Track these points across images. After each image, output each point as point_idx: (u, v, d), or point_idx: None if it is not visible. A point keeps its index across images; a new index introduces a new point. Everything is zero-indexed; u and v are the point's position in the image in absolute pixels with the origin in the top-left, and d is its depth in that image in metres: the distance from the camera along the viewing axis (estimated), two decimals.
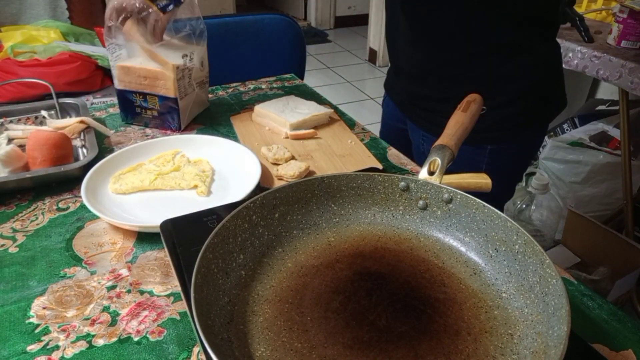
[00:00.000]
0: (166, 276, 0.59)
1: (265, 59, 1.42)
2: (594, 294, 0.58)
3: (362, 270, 0.52)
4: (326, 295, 0.49)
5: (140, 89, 0.91)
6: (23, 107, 0.94)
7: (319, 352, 0.43)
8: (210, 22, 1.29)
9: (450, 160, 0.58)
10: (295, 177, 0.76)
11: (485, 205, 0.52)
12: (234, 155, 0.81)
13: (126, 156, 0.80)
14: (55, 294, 0.56)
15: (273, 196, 0.55)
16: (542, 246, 0.47)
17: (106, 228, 0.67)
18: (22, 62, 1.57)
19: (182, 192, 0.75)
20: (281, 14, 1.46)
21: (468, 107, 0.65)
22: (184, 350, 0.50)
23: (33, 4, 2.00)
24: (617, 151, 1.67)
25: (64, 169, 0.75)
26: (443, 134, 0.61)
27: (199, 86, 0.97)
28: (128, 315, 0.53)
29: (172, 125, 0.93)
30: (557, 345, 0.38)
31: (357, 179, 0.59)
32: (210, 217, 0.60)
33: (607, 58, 1.34)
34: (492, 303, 0.48)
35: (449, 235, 0.56)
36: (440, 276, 0.52)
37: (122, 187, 0.73)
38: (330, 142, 0.90)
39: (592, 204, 1.75)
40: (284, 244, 0.55)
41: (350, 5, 4.92)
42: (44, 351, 0.49)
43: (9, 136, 0.83)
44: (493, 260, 0.52)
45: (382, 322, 0.45)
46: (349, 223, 0.59)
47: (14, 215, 0.69)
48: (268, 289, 0.50)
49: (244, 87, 1.17)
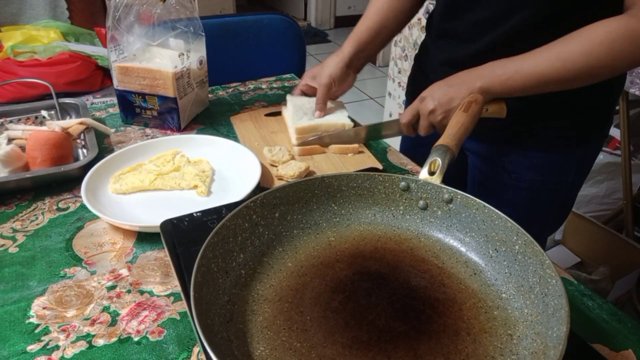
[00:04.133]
0: (166, 276, 0.59)
1: (265, 59, 1.42)
2: (594, 294, 0.58)
3: (362, 270, 0.52)
4: (326, 294, 0.49)
5: (140, 89, 0.91)
6: (23, 107, 0.94)
7: (318, 351, 0.43)
8: (210, 22, 1.29)
9: (451, 161, 0.58)
10: (296, 177, 0.76)
11: (485, 205, 0.52)
12: (234, 155, 0.81)
13: (126, 156, 0.80)
14: (55, 294, 0.56)
15: (273, 196, 0.55)
16: (544, 247, 0.47)
17: (106, 228, 0.67)
18: (22, 62, 1.57)
19: (182, 192, 0.75)
20: (281, 14, 1.46)
21: (469, 107, 0.65)
22: (184, 350, 0.50)
23: (33, 4, 2.00)
24: (617, 151, 1.67)
25: (64, 169, 0.75)
26: (444, 134, 0.61)
27: (198, 86, 0.97)
28: (128, 315, 0.53)
29: (172, 125, 0.93)
30: (557, 346, 0.38)
31: (358, 178, 0.59)
32: (210, 217, 0.60)
33: None
34: (491, 303, 0.48)
35: (449, 235, 0.56)
36: (440, 276, 0.52)
37: (122, 187, 0.73)
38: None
39: (592, 204, 1.75)
40: (284, 244, 0.55)
41: (350, 5, 4.92)
42: (44, 351, 0.49)
43: (9, 136, 0.83)
44: (493, 261, 0.52)
45: (382, 322, 0.45)
46: (349, 223, 0.59)
47: (14, 215, 0.69)
48: (268, 288, 0.50)
49: (244, 87, 1.17)
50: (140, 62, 0.90)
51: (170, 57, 0.89)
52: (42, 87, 0.96)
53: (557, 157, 0.82)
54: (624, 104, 1.50)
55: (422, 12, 1.99)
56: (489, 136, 0.84)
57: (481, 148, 0.88)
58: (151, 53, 0.91)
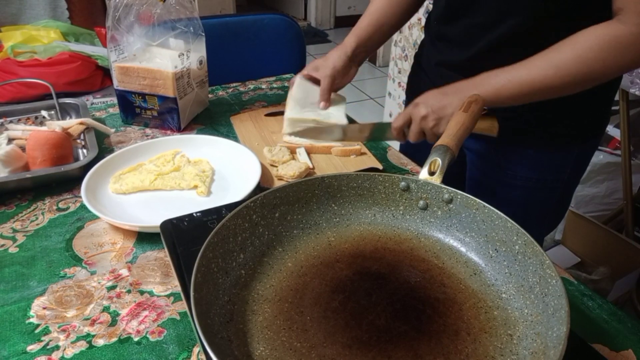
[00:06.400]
0: (166, 276, 0.59)
1: (265, 59, 1.42)
2: (594, 294, 0.58)
3: (362, 270, 0.52)
4: (326, 294, 0.49)
5: (140, 89, 0.91)
6: (23, 107, 0.94)
7: (318, 351, 0.43)
8: (210, 22, 1.29)
9: (451, 161, 0.58)
10: (296, 177, 0.76)
11: (485, 205, 0.52)
12: (234, 155, 0.81)
13: (126, 156, 0.80)
14: (55, 294, 0.56)
15: (273, 196, 0.55)
16: (541, 246, 0.47)
17: (106, 228, 0.67)
18: (22, 62, 1.57)
19: (182, 192, 0.75)
20: (281, 14, 1.46)
21: (469, 107, 0.65)
22: (184, 350, 0.50)
23: (33, 4, 2.00)
24: (617, 151, 1.67)
25: (64, 169, 0.75)
26: (444, 134, 0.61)
27: (198, 86, 0.97)
28: (128, 315, 0.53)
29: (172, 125, 0.93)
30: (557, 346, 0.38)
31: (358, 178, 0.59)
32: (210, 217, 0.60)
33: None
34: (491, 303, 0.48)
35: (449, 235, 0.56)
36: (440, 276, 0.52)
37: (122, 187, 0.73)
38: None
39: (592, 204, 1.75)
40: (284, 244, 0.55)
41: (350, 5, 4.91)
42: (44, 351, 0.49)
43: (9, 136, 0.83)
44: (493, 261, 0.52)
45: (382, 322, 0.45)
46: (349, 223, 0.59)
47: (14, 215, 0.69)
48: (268, 288, 0.50)
49: (244, 87, 1.17)
50: (140, 62, 0.90)
51: (170, 57, 0.89)
52: (42, 87, 0.96)
53: (554, 155, 0.83)
54: (624, 104, 1.49)
55: (422, 11, 1.99)
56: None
57: (479, 146, 0.89)
58: (151, 53, 0.91)
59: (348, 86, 1.01)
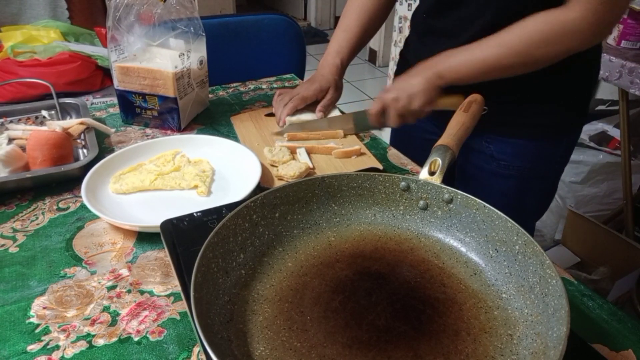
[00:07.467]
0: (166, 276, 0.59)
1: (265, 59, 1.42)
2: (594, 294, 0.58)
3: (362, 270, 0.52)
4: (326, 294, 0.49)
5: (140, 89, 0.91)
6: (23, 107, 0.94)
7: (318, 351, 0.43)
8: (210, 22, 1.29)
9: (452, 161, 0.58)
10: (296, 177, 0.76)
11: (485, 205, 0.53)
12: (234, 155, 0.81)
13: (126, 156, 0.80)
14: (55, 294, 0.56)
15: (273, 196, 0.55)
16: (542, 246, 0.47)
17: (106, 228, 0.67)
18: (22, 62, 1.57)
19: (182, 192, 0.75)
20: (281, 14, 1.46)
21: (469, 107, 0.65)
22: (184, 350, 0.50)
23: (33, 4, 2.00)
24: (617, 151, 1.67)
25: (64, 169, 0.75)
26: (444, 134, 0.61)
27: (198, 86, 0.97)
28: (128, 315, 0.53)
29: (172, 125, 0.93)
30: (557, 346, 0.38)
31: (358, 178, 0.59)
32: (211, 217, 0.60)
33: (607, 58, 1.34)
34: (492, 303, 0.48)
35: (450, 235, 0.56)
36: (440, 276, 0.52)
37: (122, 187, 0.73)
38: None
39: (592, 204, 1.75)
40: (284, 244, 0.55)
41: None
42: (44, 351, 0.49)
43: (9, 136, 0.83)
44: (493, 261, 0.52)
45: (382, 322, 0.45)
46: (349, 223, 0.59)
47: (14, 215, 0.69)
48: (268, 288, 0.50)
49: (244, 87, 1.17)
50: (141, 62, 0.90)
51: (170, 57, 0.89)
52: (42, 87, 0.96)
53: (543, 144, 0.86)
54: (624, 104, 1.50)
55: None
56: (476, 126, 0.86)
57: (469, 137, 0.90)
58: (151, 53, 0.91)
59: (348, 86, 1.02)
